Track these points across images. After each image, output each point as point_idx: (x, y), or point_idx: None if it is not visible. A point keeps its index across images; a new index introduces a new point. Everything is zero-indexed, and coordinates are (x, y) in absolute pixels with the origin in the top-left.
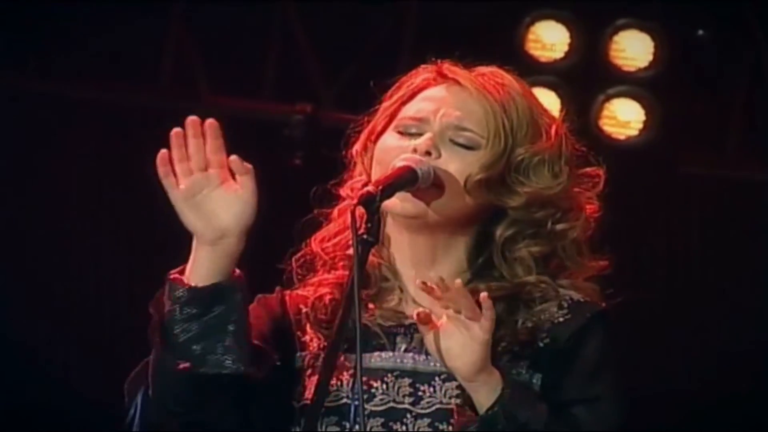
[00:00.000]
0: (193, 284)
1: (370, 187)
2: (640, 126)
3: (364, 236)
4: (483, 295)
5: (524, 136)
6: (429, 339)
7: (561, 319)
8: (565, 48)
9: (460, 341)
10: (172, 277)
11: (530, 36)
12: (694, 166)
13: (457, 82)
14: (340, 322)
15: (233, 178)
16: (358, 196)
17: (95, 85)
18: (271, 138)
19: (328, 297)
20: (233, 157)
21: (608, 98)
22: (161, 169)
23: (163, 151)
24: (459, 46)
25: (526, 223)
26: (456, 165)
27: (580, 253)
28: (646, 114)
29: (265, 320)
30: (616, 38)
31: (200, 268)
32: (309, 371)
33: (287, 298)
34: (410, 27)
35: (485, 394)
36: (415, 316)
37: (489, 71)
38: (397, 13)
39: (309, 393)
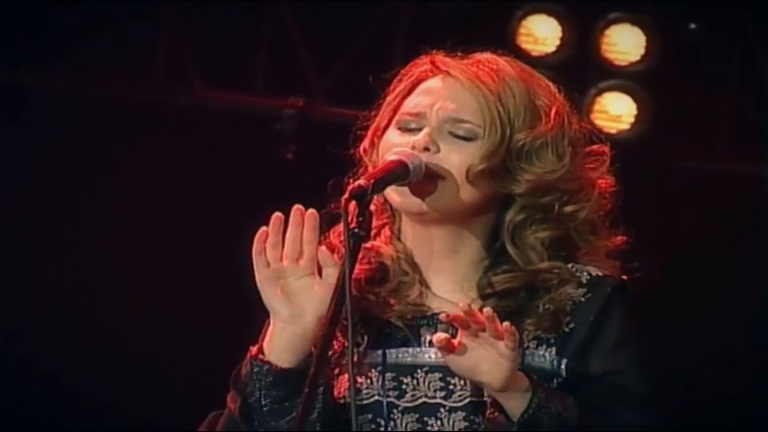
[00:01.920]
0: (276, 364)
1: (361, 181)
2: (632, 120)
3: (356, 230)
4: (487, 310)
5: (523, 121)
6: (452, 359)
7: (582, 299)
8: (557, 42)
9: (488, 358)
10: (257, 357)
11: (522, 30)
12: (686, 159)
13: (450, 74)
14: (331, 315)
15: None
16: (350, 190)
17: (88, 80)
18: (263, 132)
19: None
20: (322, 249)
21: (600, 92)
22: (257, 246)
23: (263, 229)
24: (452, 40)
25: (534, 209)
26: (456, 157)
27: (594, 233)
28: (638, 108)
29: None
30: (607, 32)
31: (279, 348)
32: (336, 370)
33: None
34: (403, 21)
35: (516, 401)
36: (435, 342)
37: (484, 58)
38: (389, 6)
39: (338, 391)
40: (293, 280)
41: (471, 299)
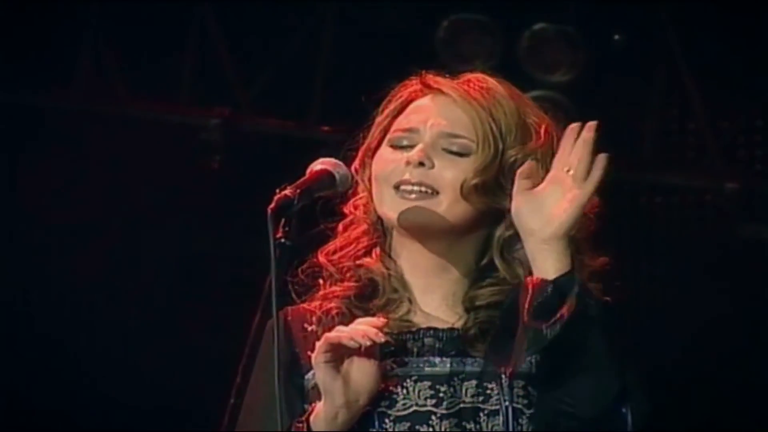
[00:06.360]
0: None
1: (288, 191)
2: None
3: (282, 240)
4: (601, 157)
5: (514, 138)
6: (520, 199)
7: None
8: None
9: (554, 200)
10: None
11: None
12: (611, 170)
13: (442, 92)
14: (255, 326)
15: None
16: (276, 200)
17: (10, 87)
18: (188, 141)
19: (335, 311)
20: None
21: None
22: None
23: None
24: (378, 50)
25: None
26: (450, 172)
27: (580, 251)
28: (563, 119)
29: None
30: (532, 43)
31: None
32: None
33: (289, 317)
34: (329, 31)
35: (555, 261)
36: (520, 171)
37: (474, 77)
38: (315, 16)
39: None
40: (348, 358)
41: (457, 314)
